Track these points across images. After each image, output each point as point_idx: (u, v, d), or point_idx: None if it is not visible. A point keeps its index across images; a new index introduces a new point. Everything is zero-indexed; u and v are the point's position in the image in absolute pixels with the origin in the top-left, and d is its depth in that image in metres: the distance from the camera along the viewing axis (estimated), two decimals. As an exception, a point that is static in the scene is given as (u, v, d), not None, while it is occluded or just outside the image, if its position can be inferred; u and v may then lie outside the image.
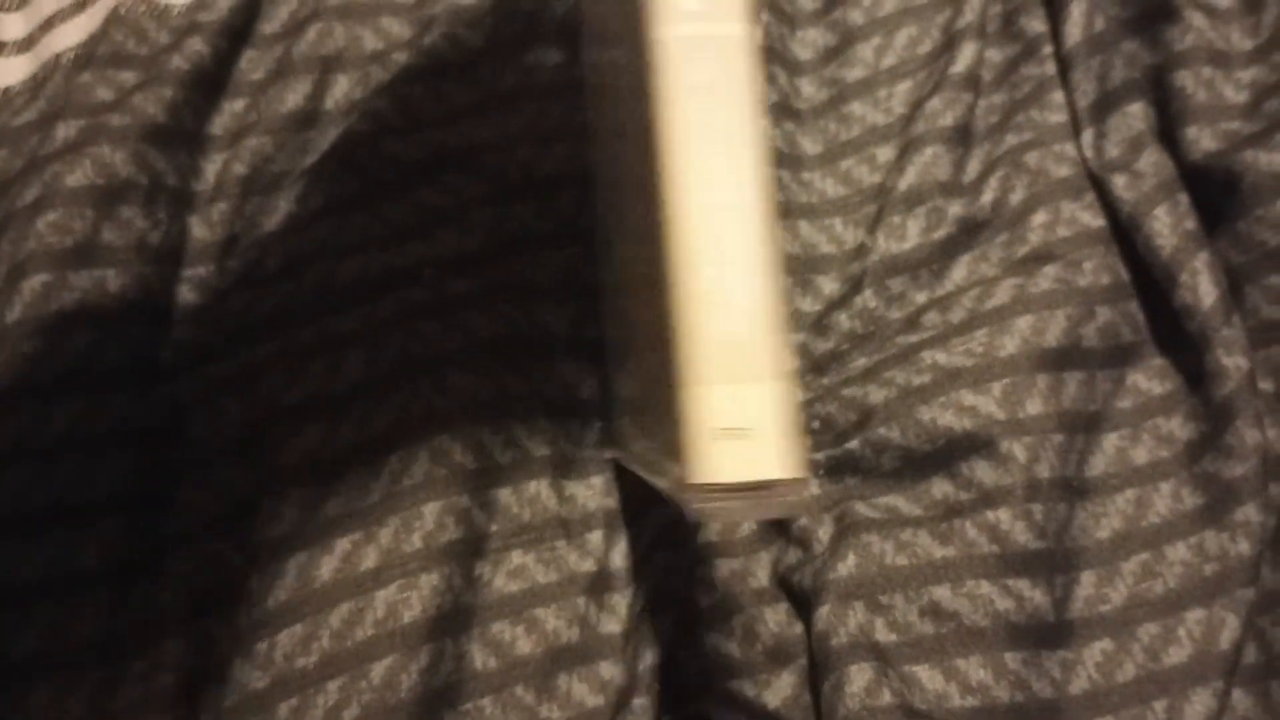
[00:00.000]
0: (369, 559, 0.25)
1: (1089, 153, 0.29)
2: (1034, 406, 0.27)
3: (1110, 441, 0.27)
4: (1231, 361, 0.26)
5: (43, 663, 0.24)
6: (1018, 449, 0.26)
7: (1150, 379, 0.27)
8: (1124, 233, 0.28)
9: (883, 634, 0.25)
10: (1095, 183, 0.29)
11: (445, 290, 0.28)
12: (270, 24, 0.32)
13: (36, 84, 0.32)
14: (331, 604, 0.25)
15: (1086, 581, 0.25)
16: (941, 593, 0.25)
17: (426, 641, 0.25)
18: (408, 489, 0.26)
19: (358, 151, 0.30)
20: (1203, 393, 0.26)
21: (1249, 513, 0.25)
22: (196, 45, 0.31)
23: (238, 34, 0.32)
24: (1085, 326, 0.27)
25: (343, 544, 0.26)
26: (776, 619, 0.26)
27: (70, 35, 0.33)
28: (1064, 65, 0.30)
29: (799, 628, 0.25)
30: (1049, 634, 0.25)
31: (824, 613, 0.25)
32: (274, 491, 0.26)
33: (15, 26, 0.33)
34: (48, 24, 0.33)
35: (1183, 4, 0.29)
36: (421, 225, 0.29)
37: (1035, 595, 0.25)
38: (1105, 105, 0.29)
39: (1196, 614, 0.25)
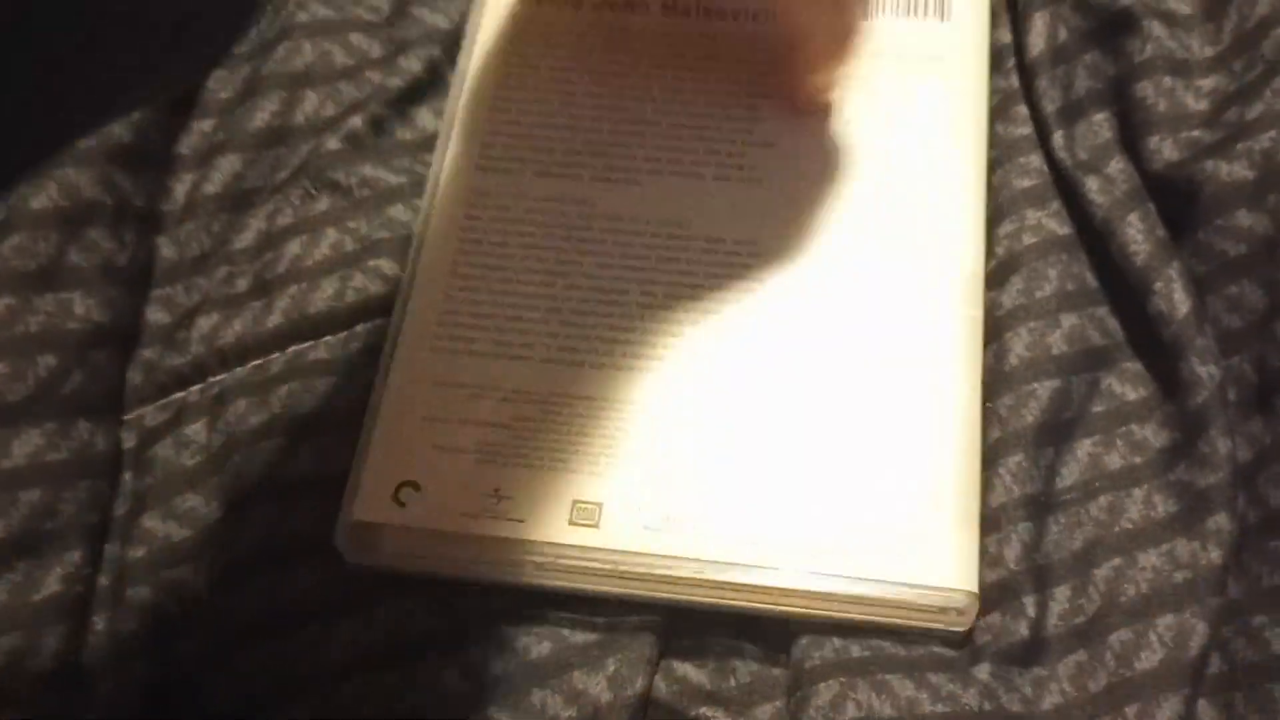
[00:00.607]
0: None
1: (1062, 154, 0.29)
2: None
3: (1084, 448, 0.27)
4: (1205, 370, 0.26)
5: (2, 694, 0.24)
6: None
7: (1124, 384, 0.28)
8: (1092, 239, 0.29)
9: (857, 651, 0.25)
10: (1063, 189, 0.29)
11: None
12: (238, 44, 0.32)
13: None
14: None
15: (1061, 596, 0.26)
16: None
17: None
18: None
19: (329, 168, 0.30)
20: (1177, 401, 0.27)
21: (1220, 521, 0.25)
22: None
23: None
24: (1050, 335, 0.28)
25: None
26: (754, 654, 0.26)
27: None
28: (1029, 75, 0.31)
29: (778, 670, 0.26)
30: (1022, 653, 0.26)
31: (803, 642, 0.26)
32: None
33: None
34: None
35: (1142, 13, 0.29)
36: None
37: (1006, 621, 0.26)
38: (1072, 114, 0.30)
39: (1167, 620, 0.25)
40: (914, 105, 0.30)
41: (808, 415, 0.27)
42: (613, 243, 0.29)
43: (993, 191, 0.30)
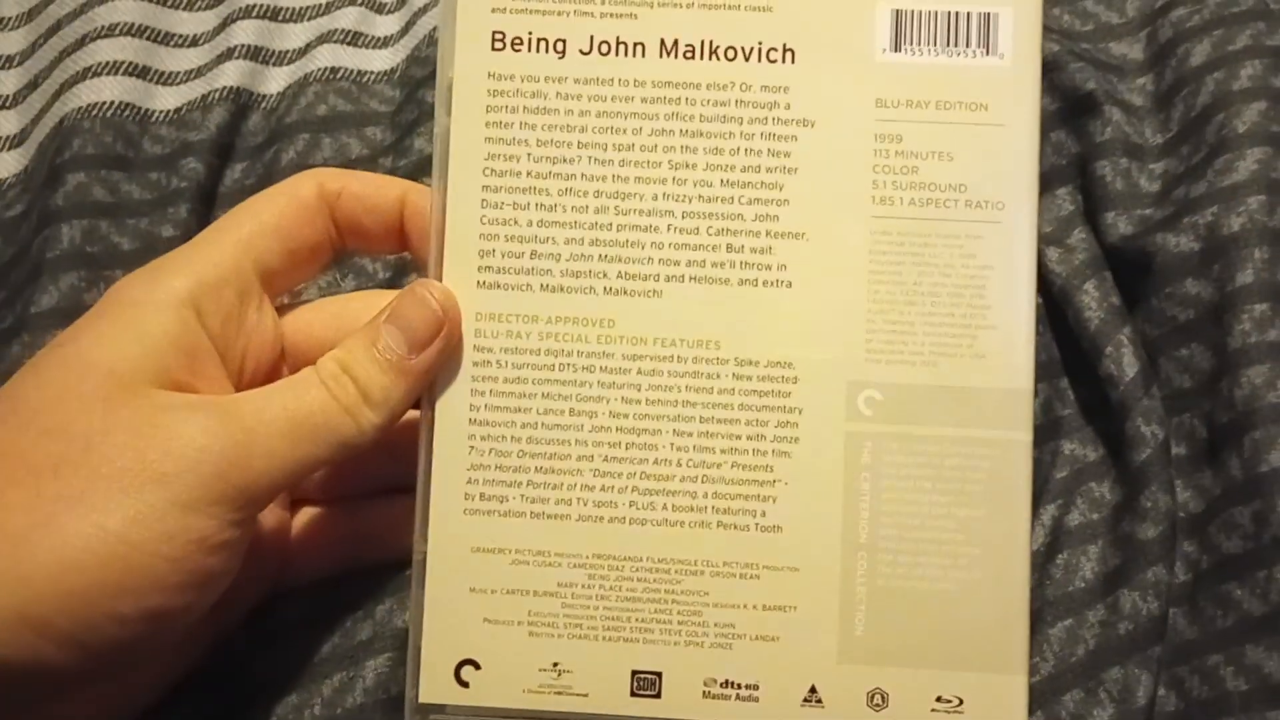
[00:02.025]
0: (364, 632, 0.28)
1: None
2: None
3: (1048, 513, 0.30)
4: (1149, 430, 0.29)
5: None
6: None
7: (1084, 446, 0.30)
8: (1054, 310, 0.31)
9: None
10: None
11: None
12: (256, 136, 0.35)
13: (27, 176, 0.35)
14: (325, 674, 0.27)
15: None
16: None
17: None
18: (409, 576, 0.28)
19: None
20: (1123, 458, 0.29)
21: (1159, 573, 0.28)
22: (193, 164, 0.34)
23: (226, 149, 0.35)
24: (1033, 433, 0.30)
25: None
26: None
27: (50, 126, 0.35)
28: None
29: None
30: None
31: None
32: None
33: (10, 123, 0.36)
34: (38, 118, 0.36)
35: (1103, 99, 0.32)
36: None
37: None
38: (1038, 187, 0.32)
39: (1114, 673, 0.27)
40: (959, 169, 0.26)
41: (863, 560, 0.26)
42: (638, 372, 0.26)
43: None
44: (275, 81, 0.36)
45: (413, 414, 0.26)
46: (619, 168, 0.27)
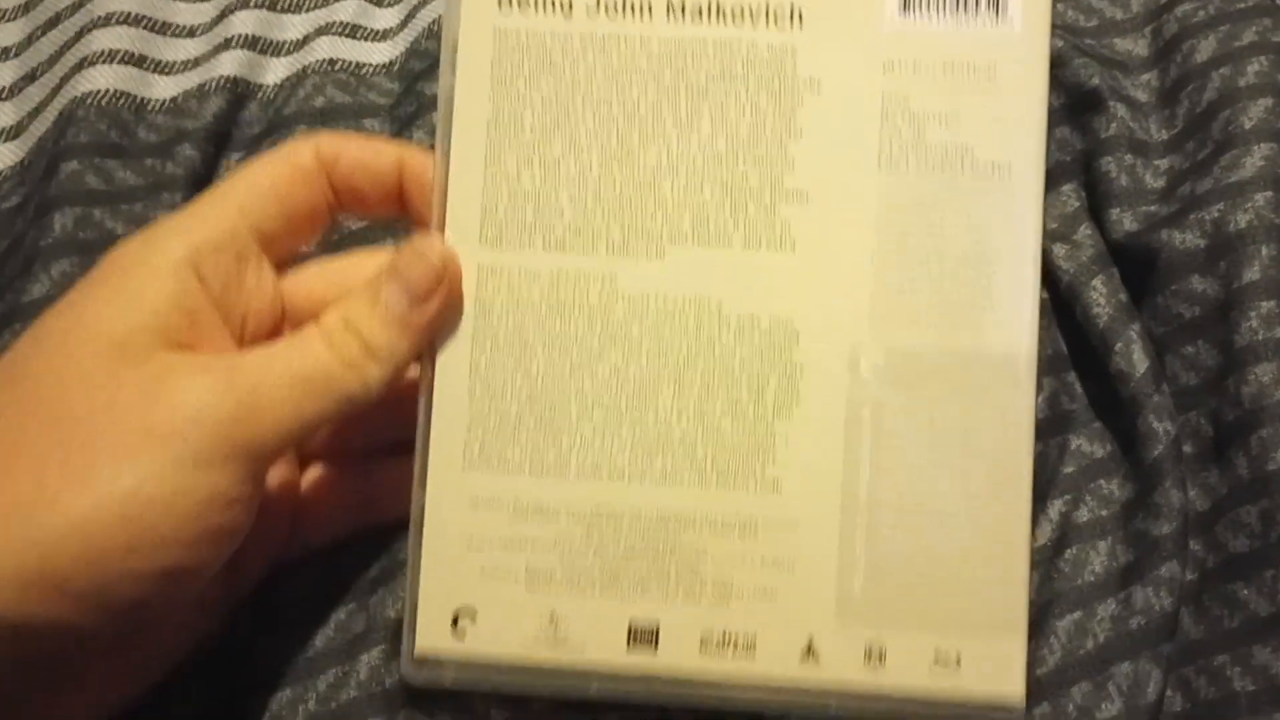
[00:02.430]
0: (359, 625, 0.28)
1: None
2: None
3: (1055, 508, 0.30)
4: (1161, 426, 0.29)
5: None
6: None
7: (1093, 443, 0.30)
8: (1061, 304, 0.31)
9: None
10: None
11: None
12: (253, 127, 0.35)
13: (24, 169, 0.35)
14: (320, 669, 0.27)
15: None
16: None
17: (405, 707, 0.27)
18: (400, 562, 0.28)
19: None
20: (1134, 455, 0.29)
21: (1172, 569, 0.28)
22: (188, 151, 0.34)
23: (223, 138, 0.35)
24: (1036, 400, 0.30)
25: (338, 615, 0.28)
26: None
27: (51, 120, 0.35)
28: None
29: None
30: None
31: None
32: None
33: (5, 115, 0.36)
34: (36, 112, 0.35)
35: (1107, 95, 0.32)
36: None
37: None
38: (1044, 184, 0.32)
39: (1124, 668, 0.27)
40: (965, 133, 0.26)
41: (861, 520, 0.26)
42: (639, 329, 0.26)
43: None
44: (274, 73, 0.36)
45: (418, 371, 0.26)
46: (623, 126, 0.27)
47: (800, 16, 0.27)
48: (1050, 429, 0.30)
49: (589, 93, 0.27)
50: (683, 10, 0.27)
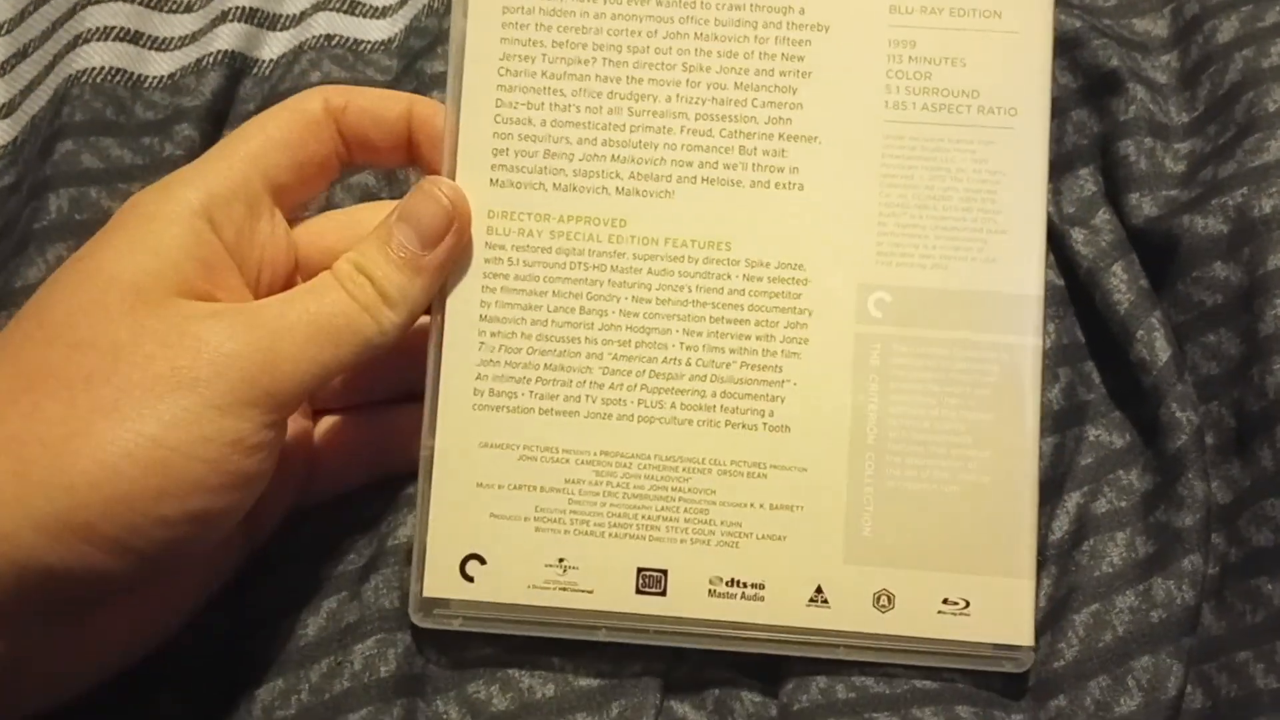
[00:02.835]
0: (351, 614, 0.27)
1: (1050, 208, 0.31)
2: None
3: (1072, 500, 0.29)
4: (1184, 416, 0.28)
5: None
6: None
7: (1111, 433, 0.29)
8: (1078, 293, 0.31)
9: (843, 692, 0.26)
10: (1053, 240, 0.31)
11: None
12: (249, 103, 0.34)
13: (16, 147, 0.34)
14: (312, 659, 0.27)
15: (1043, 643, 0.27)
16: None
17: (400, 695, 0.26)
18: (391, 548, 0.28)
19: None
20: (1156, 445, 0.28)
21: (1195, 561, 0.27)
22: (186, 130, 0.33)
23: (220, 116, 0.34)
24: (1051, 390, 0.29)
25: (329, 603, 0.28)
26: (752, 699, 0.27)
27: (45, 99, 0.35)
28: None
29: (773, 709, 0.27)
30: (1002, 695, 0.27)
31: (789, 686, 0.27)
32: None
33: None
34: (29, 89, 0.35)
35: (1126, 76, 0.32)
36: None
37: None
38: (1060, 168, 0.32)
39: (1144, 661, 0.26)
40: (972, 76, 0.27)
41: (870, 461, 0.26)
42: (649, 271, 0.27)
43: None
44: (271, 48, 0.35)
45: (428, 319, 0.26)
46: (633, 69, 0.27)
47: None
48: (1067, 420, 0.30)
49: (599, 37, 0.27)
50: None
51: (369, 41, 0.36)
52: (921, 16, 0.27)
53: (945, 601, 0.26)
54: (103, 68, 0.34)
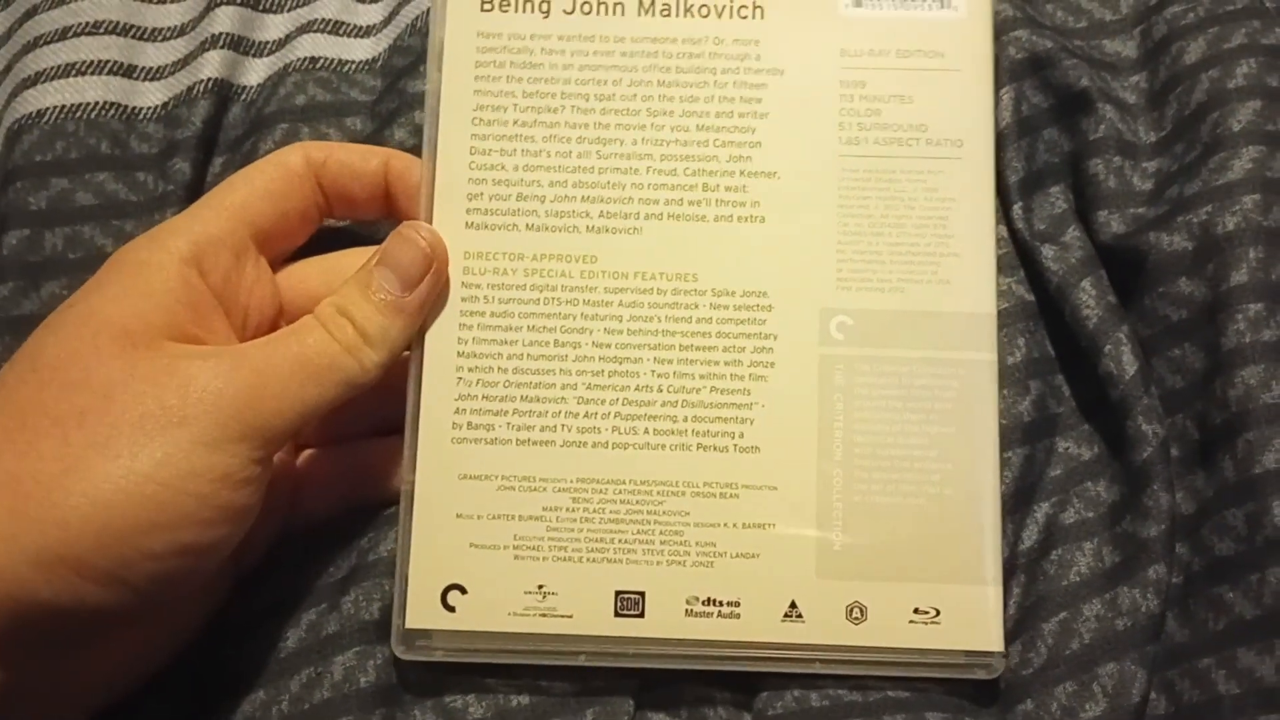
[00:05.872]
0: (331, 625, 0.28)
1: (1020, 224, 0.32)
2: None
3: (1042, 510, 0.31)
4: (1150, 428, 0.30)
5: None
6: None
7: (1080, 445, 0.31)
8: (1048, 307, 0.32)
9: (816, 701, 0.28)
10: (1024, 257, 0.32)
11: None
12: (236, 129, 0.35)
13: (6, 181, 0.35)
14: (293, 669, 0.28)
15: (1013, 651, 0.29)
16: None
17: (379, 706, 0.27)
18: (371, 562, 0.29)
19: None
20: (1123, 457, 0.30)
21: (1160, 571, 0.28)
22: (179, 164, 0.34)
23: (209, 144, 0.36)
24: (1022, 403, 0.30)
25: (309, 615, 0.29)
26: (726, 709, 0.29)
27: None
28: (997, 146, 0.33)
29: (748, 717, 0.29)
30: (973, 701, 0.29)
31: (764, 695, 0.28)
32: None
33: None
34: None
35: (1096, 96, 0.33)
36: None
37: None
38: (1031, 185, 0.33)
39: (1109, 668, 0.28)
40: (920, 112, 0.30)
41: (838, 478, 0.28)
42: (619, 304, 0.28)
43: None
44: (255, 73, 0.37)
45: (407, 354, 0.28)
46: (600, 115, 0.29)
47: (761, 10, 0.30)
48: (1037, 432, 0.31)
49: (567, 86, 0.29)
50: (653, 8, 0.30)
51: (353, 61, 0.37)
52: (870, 58, 0.30)
53: (916, 611, 0.28)
54: (95, 103, 0.35)
